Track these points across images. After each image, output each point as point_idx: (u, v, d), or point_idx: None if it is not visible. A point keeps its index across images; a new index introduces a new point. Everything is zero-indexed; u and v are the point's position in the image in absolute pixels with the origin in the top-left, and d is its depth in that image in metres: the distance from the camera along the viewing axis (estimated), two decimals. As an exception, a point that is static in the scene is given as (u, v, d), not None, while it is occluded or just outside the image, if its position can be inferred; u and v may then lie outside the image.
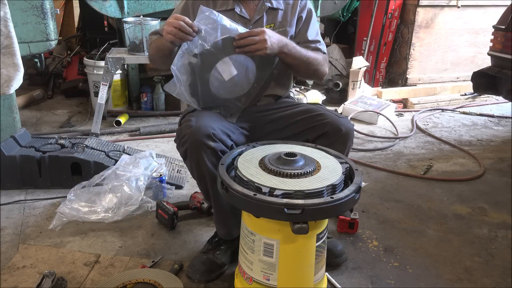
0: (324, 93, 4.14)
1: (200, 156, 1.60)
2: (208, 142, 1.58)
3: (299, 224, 1.33)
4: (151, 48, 1.87)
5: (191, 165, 1.66)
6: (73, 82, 4.28)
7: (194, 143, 1.59)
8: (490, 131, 3.59)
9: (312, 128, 1.76)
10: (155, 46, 1.82)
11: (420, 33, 4.38)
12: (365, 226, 2.16)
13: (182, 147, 1.65)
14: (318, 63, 1.83)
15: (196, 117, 1.66)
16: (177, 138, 1.71)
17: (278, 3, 1.85)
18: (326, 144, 1.71)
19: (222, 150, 1.62)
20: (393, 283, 1.77)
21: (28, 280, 1.71)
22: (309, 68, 1.82)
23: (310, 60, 1.80)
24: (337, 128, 1.71)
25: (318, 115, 1.76)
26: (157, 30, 1.87)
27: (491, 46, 3.25)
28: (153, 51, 1.84)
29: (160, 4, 3.46)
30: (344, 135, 1.72)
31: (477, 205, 2.40)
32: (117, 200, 2.18)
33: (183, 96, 1.71)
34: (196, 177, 1.71)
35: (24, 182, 2.41)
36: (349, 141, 1.75)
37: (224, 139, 1.64)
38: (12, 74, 2.28)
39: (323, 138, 1.73)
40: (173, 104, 3.83)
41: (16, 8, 2.57)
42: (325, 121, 1.73)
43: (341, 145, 1.73)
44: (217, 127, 1.63)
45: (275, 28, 1.82)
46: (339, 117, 1.75)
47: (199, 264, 1.75)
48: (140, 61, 3.40)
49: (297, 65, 1.80)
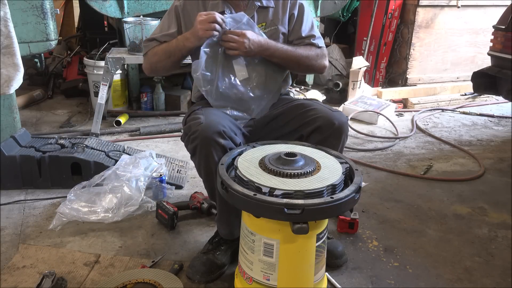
0: (324, 93, 4.14)
1: (209, 153, 1.59)
2: (219, 139, 1.58)
3: (299, 224, 1.33)
4: (154, 55, 1.83)
5: (199, 162, 1.65)
6: (73, 82, 4.28)
7: (205, 140, 1.58)
8: (490, 131, 3.59)
9: (305, 123, 1.75)
10: (163, 51, 1.79)
11: (420, 33, 4.39)
12: (365, 226, 2.16)
13: (192, 143, 1.64)
14: (310, 59, 1.84)
15: (204, 115, 1.66)
16: (185, 136, 1.71)
17: (268, 1, 1.85)
18: (320, 139, 1.70)
19: (231, 148, 1.63)
20: (393, 283, 1.77)
21: (28, 280, 1.71)
22: (301, 64, 1.84)
23: (299, 58, 1.81)
24: (330, 122, 1.69)
25: (310, 110, 1.76)
26: (154, 37, 1.85)
27: (491, 46, 3.24)
28: (161, 57, 1.80)
29: (160, 4, 3.47)
30: (337, 129, 1.70)
31: (477, 205, 2.40)
32: (117, 200, 2.18)
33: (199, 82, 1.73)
34: (203, 174, 1.70)
35: (24, 182, 2.41)
36: (343, 134, 1.73)
37: (233, 136, 1.65)
38: (12, 74, 2.28)
39: (317, 133, 1.72)
40: (173, 104, 3.83)
41: (16, 8, 2.57)
42: (318, 115, 1.72)
43: (335, 139, 1.71)
44: (226, 124, 1.64)
45: (266, 27, 1.84)
46: (332, 111, 1.73)
47: (199, 265, 1.75)
48: (140, 61, 3.38)
49: (286, 64, 1.84)
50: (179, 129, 3.30)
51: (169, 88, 4.01)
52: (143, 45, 1.91)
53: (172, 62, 1.80)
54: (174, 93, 3.89)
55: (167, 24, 1.86)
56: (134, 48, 3.27)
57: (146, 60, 1.88)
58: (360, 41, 4.71)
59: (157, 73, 1.93)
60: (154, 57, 1.83)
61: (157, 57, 1.82)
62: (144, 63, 1.90)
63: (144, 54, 1.89)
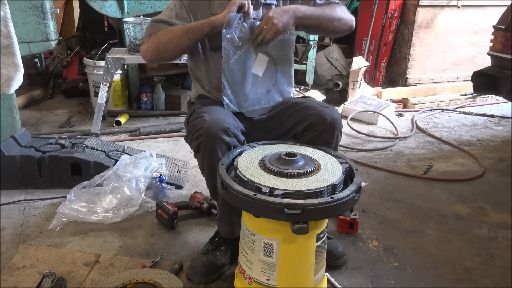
0: (324, 93, 4.14)
1: (214, 150, 1.59)
2: (223, 136, 1.58)
3: (299, 224, 1.33)
4: (166, 33, 1.70)
5: (203, 159, 1.65)
6: (73, 82, 4.28)
7: (209, 137, 1.58)
8: (490, 131, 3.59)
9: (298, 121, 1.74)
10: (180, 28, 1.69)
11: (420, 33, 4.38)
12: (365, 226, 2.16)
13: (196, 140, 1.63)
14: (337, 13, 1.79)
15: (207, 113, 1.65)
16: (188, 133, 1.70)
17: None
18: (313, 136, 1.70)
19: (235, 145, 1.63)
20: (393, 283, 1.77)
21: (28, 280, 1.71)
22: (333, 21, 1.78)
23: (327, 14, 1.77)
24: (322, 118, 1.68)
25: (302, 108, 1.75)
26: (165, 19, 1.75)
27: (491, 46, 3.25)
28: (176, 34, 1.69)
29: (160, 4, 3.47)
30: (330, 125, 1.68)
31: (477, 205, 2.40)
32: (117, 201, 2.18)
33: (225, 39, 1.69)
34: (206, 171, 1.69)
35: (24, 182, 2.41)
36: (336, 130, 1.71)
37: (237, 133, 1.65)
38: (12, 74, 2.28)
39: (310, 130, 1.71)
40: (173, 104, 3.83)
41: (16, 8, 2.57)
42: (309, 112, 1.71)
43: (328, 135, 1.70)
44: (230, 122, 1.63)
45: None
46: (324, 107, 1.72)
47: (199, 266, 1.74)
48: (140, 61, 3.39)
49: (319, 24, 1.78)
50: (179, 129, 3.31)
51: (169, 88, 4.01)
52: (150, 25, 1.76)
53: (188, 40, 1.69)
54: (174, 93, 3.89)
55: (175, 12, 1.77)
56: (134, 48, 3.27)
57: (152, 41, 1.73)
58: (360, 41, 4.71)
59: (161, 56, 1.76)
60: (166, 35, 1.70)
61: (170, 34, 1.69)
62: (148, 44, 1.74)
63: (149, 35, 1.74)
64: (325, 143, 1.70)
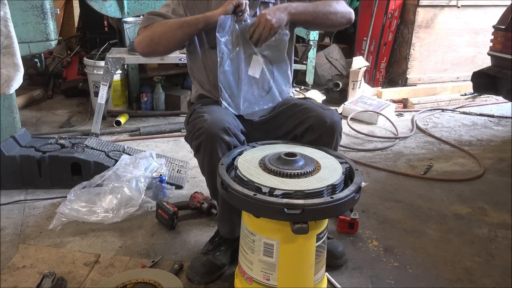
0: (324, 93, 4.14)
1: (214, 150, 1.59)
2: (224, 136, 1.58)
3: (299, 224, 1.34)
4: (160, 25, 1.70)
5: (203, 159, 1.65)
6: (73, 82, 4.28)
7: (210, 136, 1.58)
8: (490, 131, 3.59)
9: (298, 123, 1.74)
10: (175, 22, 1.69)
11: (420, 33, 4.38)
12: (365, 226, 2.16)
13: (196, 140, 1.63)
14: (333, 7, 1.78)
15: (208, 113, 1.65)
16: (189, 133, 1.70)
17: None
18: (313, 138, 1.70)
19: (236, 145, 1.63)
20: (393, 283, 1.77)
21: (28, 280, 1.71)
22: (329, 15, 1.78)
23: (320, 8, 1.76)
24: (322, 120, 1.68)
25: (302, 110, 1.75)
26: (161, 13, 1.75)
27: (491, 46, 3.25)
28: (170, 27, 1.69)
29: (160, 4, 3.46)
30: (330, 127, 1.68)
31: (477, 205, 2.40)
32: (117, 201, 2.18)
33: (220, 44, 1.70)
34: (206, 171, 1.69)
35: (24, 182, 2.41)
36: (336, 133, 1.71)
37: (237, 133, 1.65)
38: (12, 74, 2.28)
39: (309, 132, 1.71)
40: (173, 104, 3.83)
41: (16, 8, 2.57)
42: (309, 114, 1.71)
43: (328, 137, 1.70)
44: (230, 121, 1.64)
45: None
46: (324, 110, 1.72)
47: (199, 266, 1.74)
48: (140, 61, 3.40)
49: (315, 19, 1.77)
50: (179, 129, 3.31)
51: (169, 88, 4.01)
52: (146, 17, 1.75)
53: (182, 33, 1.69)
54: (174, 93, 3.89)
55: (172, 7, 1.78)
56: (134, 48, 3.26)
57: (147, 33, 1.72)
58: (360, 41, 4.71)
59: (155, 48, 1.73)
60: (160, 28, 1.70)
61: (165, 27, 1.69)
62: (142, 36, 1.74)
63: (144, 27, 1.73)
64: (324, 145, 1.70)
